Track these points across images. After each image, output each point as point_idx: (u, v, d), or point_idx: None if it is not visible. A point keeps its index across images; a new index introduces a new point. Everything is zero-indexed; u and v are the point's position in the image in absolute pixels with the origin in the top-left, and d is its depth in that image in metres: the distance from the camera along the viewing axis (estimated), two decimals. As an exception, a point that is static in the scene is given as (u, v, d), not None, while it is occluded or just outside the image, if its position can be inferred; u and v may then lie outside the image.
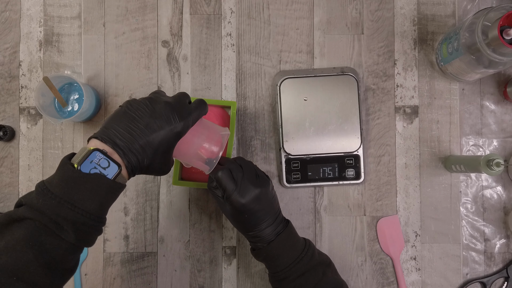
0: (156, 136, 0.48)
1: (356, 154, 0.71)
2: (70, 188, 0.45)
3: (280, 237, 0.58)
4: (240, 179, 0.56)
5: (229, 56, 0.74)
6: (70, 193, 0.44)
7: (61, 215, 0.44)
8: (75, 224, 0.44)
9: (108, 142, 0.47)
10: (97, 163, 0.46)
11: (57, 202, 0.44)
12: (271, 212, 0.58)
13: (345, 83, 0.70)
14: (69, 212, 0.44)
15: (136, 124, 0.48)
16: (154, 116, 0.49)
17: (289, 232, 0.59)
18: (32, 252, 0.43)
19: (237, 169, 0.57)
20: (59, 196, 0.44)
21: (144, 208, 0.73)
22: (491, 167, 0.59)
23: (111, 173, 0.46)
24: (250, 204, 0.56)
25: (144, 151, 0.48)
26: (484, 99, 0.73)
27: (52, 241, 0.44)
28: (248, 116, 0.73)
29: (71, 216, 0.44)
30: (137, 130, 0.48)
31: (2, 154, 0.73)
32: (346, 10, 0.74)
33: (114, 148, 0.47)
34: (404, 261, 0.72)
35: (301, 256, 0.57)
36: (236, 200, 0.55)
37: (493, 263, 0.72)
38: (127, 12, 0.74)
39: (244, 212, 0.56)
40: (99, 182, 0.45)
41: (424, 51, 0.73)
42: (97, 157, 0.46)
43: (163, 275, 0.72)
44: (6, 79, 0.74)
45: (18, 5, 0.74)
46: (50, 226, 0.44)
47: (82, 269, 0.73)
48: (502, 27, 0.55)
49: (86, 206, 0.45)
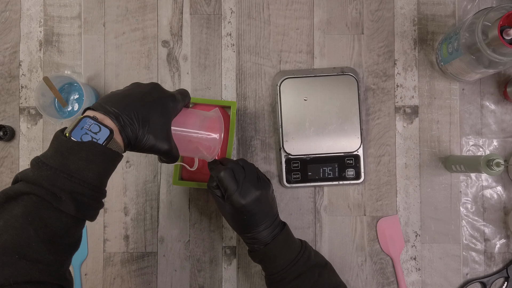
0: (148, 106, 0.49)
1: (356, 154, 0.71)
2: (65, 158, 0.43)
3: (277, 239, 0.58)
4: (242, 180, 0.56)
5: (229, 56, 0.74)
6: (65, 163, 0.43)
7: (58, 186, 0.43)
8: (73, 194, 0.43)
9: (99, 109, 0.46)
10: (87, 129, 0.44)
11: (53, 173, 0.43)
12: (270, 214, 0.59)
13: (345, 83, 0.70)
14: (66, 182, 0.43)
15: (129, 96, 0.49)
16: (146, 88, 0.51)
17: (286, 234, 0.59)
18: (33, 228, 0.42)
19: (239, 170, 0.57)
20: (54, 167, 0.43)
21: (144, 208, 0.73)
22: (491, 167, 0.59)
23: (103, 137, 0.45)
24: (250, 205, 0.56)
25: (137, 118, 0.48)
26: (484, 99, 0.73)
27: (52, 215, 0.43)
28: (248, 116, 0.73)
29: (68, 186, 0.43)
30: (128, 98, 0.48)
31: (2, 154, 0.73)
32: (346, 10, 0.74)
33: (107, 114, 0.46)
34: (404, 261, 0.72)
35: (297, 258, 0.58)
36: (237, 200, 0.56)
37: (493, 263, 0.72)
38: (127, 12, 0.74)
39: (244, 213, 0.56)
40: (93, 150, 0.44)
41: (424, 51, 0.73)
42: (88, 123, 0.45)
43: (163, 275, 0.72)
44: (6, 79, 0.74)
45: (18, 5, 0.74)
46: (49, 199, 0.42)
47: (82, 269, 0.73)
48: (502, 27, 0.55)
49: (83, 175, 0.44)
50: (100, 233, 0.73)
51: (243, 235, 0.60)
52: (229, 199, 0.56)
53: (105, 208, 0.73)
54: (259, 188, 0.57)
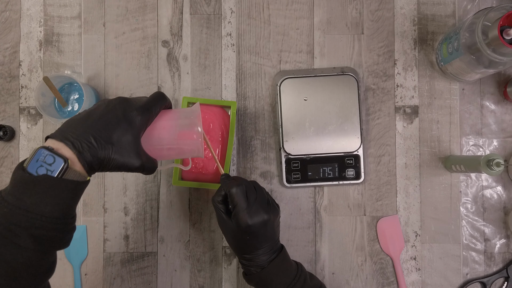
0: (111, 125, 0.47)
1: (356, 154, 0.71)
2: (21, 193, 0.43)
3: (274, 263, 0.57)
4: (253, 200, 0.56)
5: (229, 56, 0.74)
6: (22, 199, 0.43)
7: (14, 223, 0.42)
8: (30, 230, 0.43)
9: (57, 137, 0.45)
10: (42, 161, 0.43)
11: (9, 210, 0.43)
12: (272, 240, 0.58)
13: (345, 83, 0.70)
14: (22, 218, 0.43)
15: (89, 118, 0.47)
16: (108, 108, 0.48)
17: (283, 258, 0.59)
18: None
19: (251, 190, 0.57)
20: (11, 203, 0.43)
21: (144, 208, 0.73)
22: (491, 167, 0.59)
23: (57, 168, 0.43)
24: (256, 227, 0.55)
25: (99, 142, 0.46)
26: (484, 99, 0.73)
27: (11, 251, 0.43)
28: (248, 116, 0.73)
29: (24, 222, 0.43)
30: (89, 122, 0.47)
31: (2, 154, 0.73)
32: (346, 10, 0.74)
33: (63, 141, 0.45)
34: (404, 261, 0.72)
35: (294, 282, 0.57)
36: (244, 219, 0.55)
37: (493, 263, 0.72)
38: (127, 12, 0.74)
39: (247, 233, 0.56)
40: (47, 183, 0.43)
41: (424, 51, 0.73)
42: (42, 154, 0.44)
43: (163, 275, 0.72)
44: (6, 79, 0.74)
45: (18, 5, 0.74)
46: (6, 235, 0.42)
47: (82, 269, 0.73)
48: (502, 27, 0.55)
49: (40, 209, 0.43)
50: (100, 233, 0.73)
51: (241, 255, 0.59)
52: (236, 216, 0.55)
53: (105, 208, 0.73)
54: (268, 213, 0.56)
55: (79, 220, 0.73)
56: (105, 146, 0.46)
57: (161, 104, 0.53)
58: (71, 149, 0.45)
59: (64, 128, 0.47)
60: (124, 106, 0.49)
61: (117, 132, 0.47)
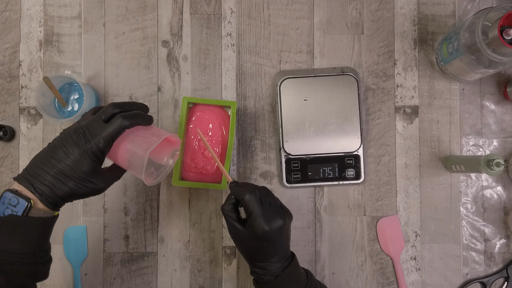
0: (66, 163, 0.49)
1: (356, 154, 0.71)
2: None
3: (287, 271, 0.56)
4: (268, 206, 0.55)
5: (229, 56, 0.74)
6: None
7: None
8: (1, 266, 0.46)
9: (21, 180, 0.49)
10: (8, 203, 0.47)
11: None
12: (286, 246, 0.57)
13: (345, 83, 0.70)
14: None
15: (48, 158, 0.49)
16: (64, 145, 0.49)
17: (295, 267, 0.57)
18: None
19: (264, 195, 0.56)
20: None
21: (144, 208, 0.73)
22: (491, 167, 0.59)
23: (21, 209, 0.47)
24: (272, 233, 0.54)
25: (58, 180, 0.49)
26: (484, 99, 0.73)
27: None
28: (248, 116, 0.73)
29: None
30: (48, 164, 0.49)
31: (2, 154, 0.73)
32: (346, 10, 0.74)
33: (23, 184, 0.48)
34: (404, 261, 0.72)
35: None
36: (261, 226, 0.53)
37: (493, 263, 0.72)
38: (127, 12, 0.74)
39: (263, 240, 0.54)
40: (12, 222, 0.47)
41: (424, 51, 0.73)
42: (7, 197, 0.47)
43: (163, 275, 0.72)
44: (6, 79, 0.74)
45: (18, 5, 0.74)
46: None
47: (82, 269, 0.73)
48: (502, 27, 0.55)
49: (9, 247, 0.46)
50: (100, 233, 0.73)
51: (255, 264, 0.57)
52: (252, 223, 0.54)
53: (105, 208, 0.73)
54: (283, 217, 0.55)
55: (79, 220, 0.73)
56: (67, 183, 0.49)
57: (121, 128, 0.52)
58: (32, 192, 0.48)
59: (29, 168, 0.50)
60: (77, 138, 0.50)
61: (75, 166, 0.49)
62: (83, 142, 0.49)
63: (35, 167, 0.49)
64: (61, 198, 0.50)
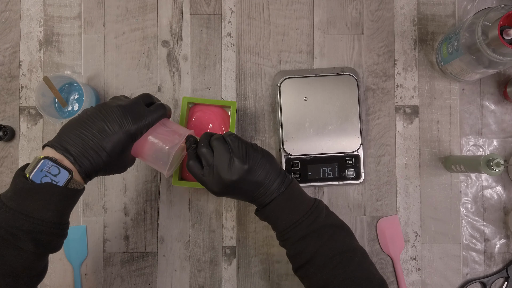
0: (108, 139, 0.49)
1: (356, 154, 0.71)
2: (23, 199, 0.46)
3: (277, 200, 0.55)
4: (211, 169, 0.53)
5: (229, 56, 0.74)
6: (23, 204, 0.46)
7: (16, 227, 0.45)
8: (32, 234, 0.46)
9: (59, 149, 0.48)
10: (47, 171, 0.47)
11: (12, 214, 0.46)
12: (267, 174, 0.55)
13: (345, 83, 0.70)
14: (24, 223, 0.46)
15: (88, 129, 0.49)
16: (106, 120, 0.50)
17: (289, 195, 0.55)
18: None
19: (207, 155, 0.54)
20: (13, 208, 0.46)
21: (144, 208, 0.73)
22: (491, 167, 0.59)
23: (62, 179, 0.47)
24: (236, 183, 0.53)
25: (97, 155, 0.49)
26: (484, 99, 0.73)
27: (12, 253, 0.46)
28: (248, 116, 0.73)
29: (26, 226, 0.46)
30: (89, 135, 0.49)
31: (2, 154, 0.73)
32: (346, 10, 0.74)
33: (64, 154, 0.48)
34: (404, 261, 0.72)
35: (301, 220, 0.54)
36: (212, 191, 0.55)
37: (493, 263, 0.72)
38: (127, 12, 0.74)
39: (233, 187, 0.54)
40: (50, 191, 0.46)
41: (424, 51, 0.73)
42: (47, 165, 0.47)
43: (163, 275, 0.72)
44: (6, 79, 0.74)
45: (18, 5, 0.74)
46: (8, 238, 0.45)
47: (82, 269, 0.73)
48: (502, 27, 0.55)
49: (42, 215, 0.46)
50: (100, 233, 0.73)
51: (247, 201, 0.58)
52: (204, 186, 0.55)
53: (105, 208, 0.73)
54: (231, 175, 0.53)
55: (79, 220, 0.73)
56: (104, 159, 0.49)
57: (161, 117, 0.55)
58: (73, 163, 0.48)
59: (63, 136, 0.49)
60: (121, 117, 0.50)
61: (115, 144, 0.50)
62: (127, 123, 0.50)
63: (73, 136, 0.48)
64: (96, 172, 0.50)
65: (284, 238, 0.56)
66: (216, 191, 0.55)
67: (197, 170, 0.55)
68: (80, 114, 0.51)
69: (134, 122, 0.51)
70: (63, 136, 0.49)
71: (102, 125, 0.49)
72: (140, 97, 0.55)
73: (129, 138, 0.51)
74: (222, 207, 0.73)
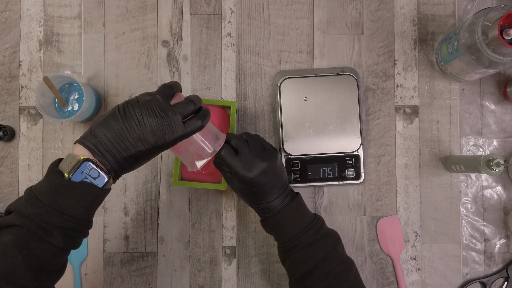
0: (141, 151, 0.50)
1: (356, 154, 0.71)
2: (58, 196, 0.47)
3: (288, 207, 0.58)
4: (246, 154, 0.57)
5: (229, 56, 0.74)
6: (58, 201, 0.47)
7: (49, 222, 0.46)
8: (63, 230, 0.47)
9: (96, 153, 0.48)
10: (87, 173, 0.48)
11: (46, 210, 0.46)
12: (279, 184, 0.59)
13: (345, 83, 0.70)
14: (57, 219, 0.47)
15: (125, 135, 0.48)
16: (145, 130, 0.49)
17: (298, 203, 0.59)
18: (21, 257, 0.45)
19: (242, 144, 0.58)
20: (47, 204, 0.46)
21: (144, 208, 0.73)
22: (491, 167, 0.59)
23: (101, 182, 0.49)
24: (258, 178, 0.57)
25: (128, 163, 0.50)
26: (484, 99, 0.73)
27: (40, 246, 0.47)
28: (248, 116, 0.73)
29: (59, 222, 0.47)
30: (125, 142, 0.49)
31: (2, 154, 0.73)
32: (346, 10, 0.74)
33: (101, 160, 0.49)
34: (404, 261, 0.72)
35: (310, 226, 0.58)
36: (242, 175, 0.56)
37: (493, 263, 0.72)
38: (127, 12, 0.74)
39: (252, 185, 0.57)
40: (87, 190, 0.48)
41: (424, 51, 0.73)
42: (88, 167, 0.48)
43: (163, 275, 0.72)
44: (6, 79, 0.74)
45: (18, 5, 0.74)
46: (39, 232, 0.46)
47: (82, 269, 0.73)
48: (502, 27, 0.55)
49: (74, 212, 0.47)
50: (100, 233, 0.73)
51: (255, 207, 0.61)
52: (236, 175, 0.57)
53: (105, 208, 0.73)
54: (265, 160, 0.57)
55: (79, 220, 0.73)
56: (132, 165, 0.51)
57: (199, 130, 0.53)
58: (110, 171, 0.49)
59: (99, 138, 0.48)
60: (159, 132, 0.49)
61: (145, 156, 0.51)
62: (162, 138, 0.49)
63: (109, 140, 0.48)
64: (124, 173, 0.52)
65: (291, 246, 0.58)
66: (253, 173, 0.56)
67: (233, 157, 0.57)
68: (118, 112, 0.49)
69: (169, 136, 0.50)
70: (99, 138, 0.48)
71: (139, 135, 0.48)
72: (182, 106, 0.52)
73: (161, 150, 0.51)
74: (222, 207, 0.73)
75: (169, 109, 0.50)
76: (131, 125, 0.48)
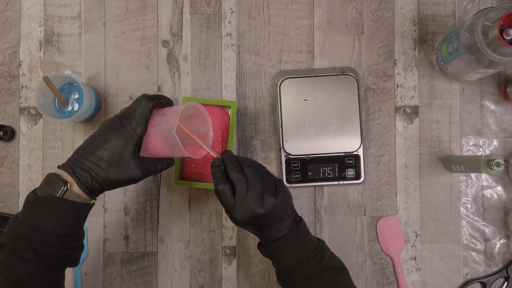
0: (104, 148, 0.51)
1: (356, 154, 0.71)
2: (29, 211, 0.49)
3: (286, 238, 0.54)
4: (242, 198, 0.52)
5: (229, 56, 0.74)
6: (29, 216, 0.49)
7: (20, 237, 0.48)
8: (31, 243, 0.48)
9: (64, 166, 0.52)
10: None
11: (18, 225, 0.48)
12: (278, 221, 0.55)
13: (345, 83, 0.70)
14: (26, 232, 0.48)
15: (87, 146, 0.53)
16: (100, 132, 0.53)
17: (297, 233, 0.55)
18: (2, 276, 0.47)
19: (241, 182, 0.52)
20: (20, 220, 0.49)
21: (144, 208, 0.73)
22: (491, 167, 0.59)
23: (58, 190, 0.50)
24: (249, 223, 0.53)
25: (96, 165, 0.51)
26: (484, 99, 0.73)
27: (17, 263, 0.48)
28: (248, 116, 0.73)
29: (28, 236, 0.48)
30: (88, 150, 0.52)
31: (2, 154, 0.73)
32: (346, 10, 0.74)
33: (65, 169, 0.51)
34: (404, 261, 0.72)
35: (308, 259, 0.54)
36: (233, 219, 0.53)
37: (493, 263, 0.72)
38: (127, 12, 0.74)
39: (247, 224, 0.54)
40: (50, 202, 0.49)
41: (424, 51, 0.73)
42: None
43: (163, 275, 0.72)
44: (6, 79, 0.74)
45: (18, 5, 0.74)
46: (14, 249, 0.48)
47: (82, 269, 0.73)
48: (502, 27, 0.55)
49: (43, 225, 0.48)
50: (100, 233, 0.73)
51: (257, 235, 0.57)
52: (228, 214, 0.54)
53: (105, 208, 0.73)
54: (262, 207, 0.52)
55: (79, 220, 0.73)
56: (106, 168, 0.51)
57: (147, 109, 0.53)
58: (71, 175, 0.51)
59: (71, 156, 0.53)
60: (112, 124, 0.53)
61: (113, 151, 0.51)
62: (119, 127, 0.52)
63: (77, 155, 0.52)
64: (98, 183, 0.52)
65: (287, 277, 0.55)
66: (243, 221, 0.52)
67: (229, 197, 0.52)
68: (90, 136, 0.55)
69: (124, 124, 0.53)
70: (71, 157, 0.53)
71: (99, 139, 0.53)
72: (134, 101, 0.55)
73: (126, 141, 0.52)
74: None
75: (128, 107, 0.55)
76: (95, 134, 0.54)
